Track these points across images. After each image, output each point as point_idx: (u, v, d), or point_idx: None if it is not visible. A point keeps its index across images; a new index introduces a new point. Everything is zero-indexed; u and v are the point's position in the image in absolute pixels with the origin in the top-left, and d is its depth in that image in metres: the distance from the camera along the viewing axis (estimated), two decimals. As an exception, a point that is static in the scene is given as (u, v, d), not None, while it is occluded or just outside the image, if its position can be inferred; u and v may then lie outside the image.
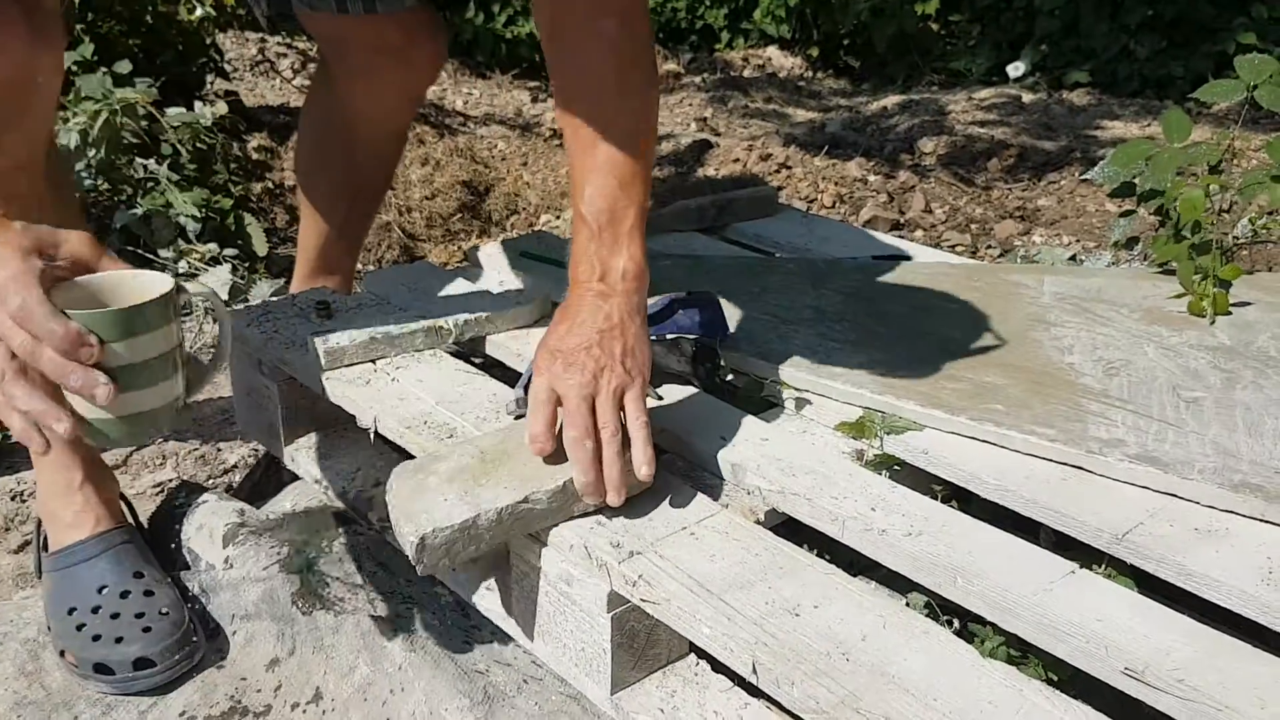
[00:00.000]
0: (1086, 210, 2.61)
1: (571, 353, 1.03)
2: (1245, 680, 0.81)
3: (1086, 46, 4.50)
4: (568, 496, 1.00)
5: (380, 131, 1.62)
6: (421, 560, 0.94)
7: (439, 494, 0.98)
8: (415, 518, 0.95)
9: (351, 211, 1.67)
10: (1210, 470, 1.04)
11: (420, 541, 0.93)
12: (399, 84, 1.55)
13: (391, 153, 1.70)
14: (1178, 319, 1.42)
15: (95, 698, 1.08)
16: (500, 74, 4.48)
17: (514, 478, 1.00)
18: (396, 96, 1.58)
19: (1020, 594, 0.91)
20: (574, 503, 1.00)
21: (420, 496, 0.98)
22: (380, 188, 1.73)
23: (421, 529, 0.94)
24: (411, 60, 1.52)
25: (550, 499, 0.99)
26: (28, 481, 1.46)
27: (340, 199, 1.65)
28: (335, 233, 1.67)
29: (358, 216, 1.70)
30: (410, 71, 1.55)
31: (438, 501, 0.97)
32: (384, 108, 1.58)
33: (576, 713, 1.03)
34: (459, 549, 0.95)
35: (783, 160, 2.83)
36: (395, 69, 1.51)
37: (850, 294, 1.50)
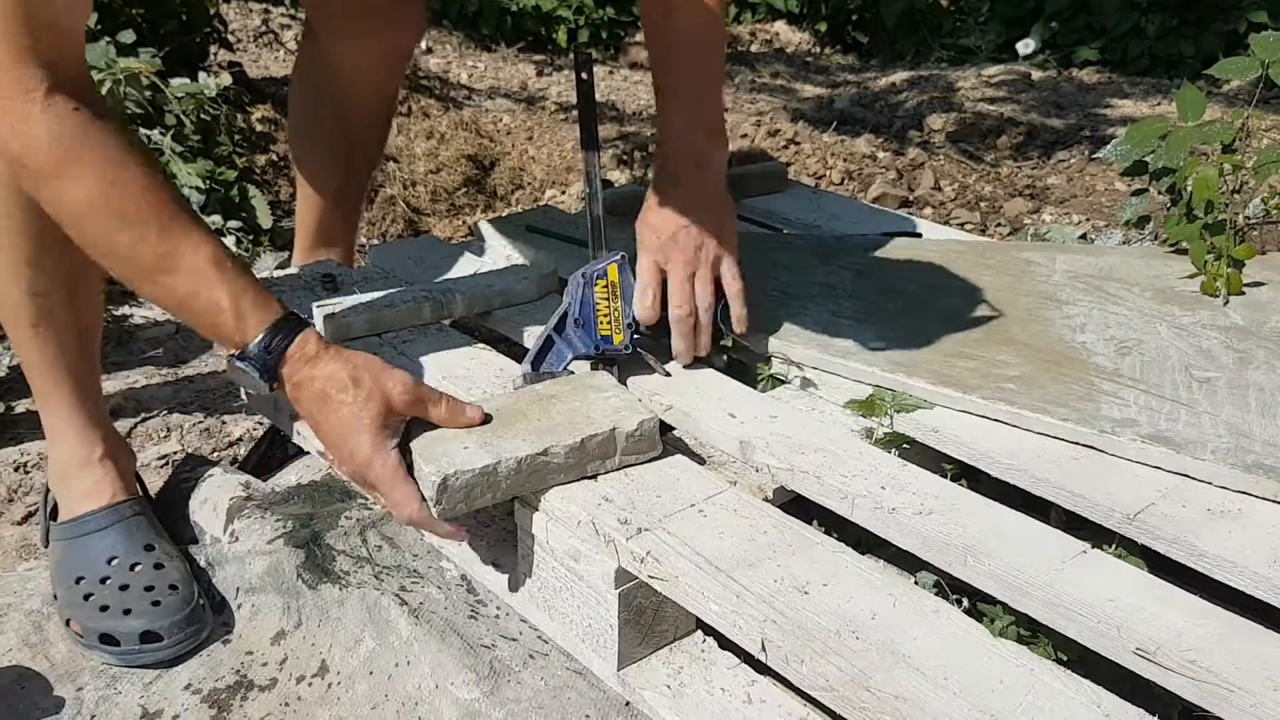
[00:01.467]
0: (1096, 189, 2.59)
1: (675, 232, 1.18)
2: (1257, 661, 0.81)
3: (1097, 24, 4.46)
4: (585, 453, 1.02)
5: (370, 93, 1.61)
6: (441, 501, 0.96)
7: (458, 442, 1.00)
8: (436, 460, 0.97)
9: (347, 178, 1.66)
10: (1223, 451, 1.04)
11: (442, 482, 0.95)
12: (386, 44, 1.54)
13: (383, 115, 1.69)
14: (1190, 299, 1.41)
15: (99, 669, 1.08)
16: (506, 47, 4.45)
17: (531, 432, 1.02)
18: (384, 57, 1.57)
19: (1031, 573, 0.90)
20: (589, 461, 1.02)
21: (439, 443, 1.00)
22: (374, 153, 1.71)
23: (444, 470, 0.96)
24: (397, 19, 1.51)
25: (568, 454, 1.01)
26: (31, 453, 1.46)
27: (335, 165, 1.64)
28: (332, 202, 1.65)
29: (353, 184, 1.69)
30: (397, 31, 1.54)
31: (457, 448, 0.99)
32: (372, 69, 1.57)
33: (582, 688, 1.02)
34: (477, 494, 0.98)
35: (791, 136, 2.81)
36: (382, 29, 1.50)
37: (860, 271, 1.48)
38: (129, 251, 0.96)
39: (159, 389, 1.66)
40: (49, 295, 1.14)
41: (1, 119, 0.92)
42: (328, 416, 0.99)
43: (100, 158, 0.94)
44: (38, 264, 1.12)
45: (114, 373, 1.68)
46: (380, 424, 0.98)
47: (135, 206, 0.95)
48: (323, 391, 0.99)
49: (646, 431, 1.04)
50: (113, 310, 1.87)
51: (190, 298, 0.98)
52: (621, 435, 1.03)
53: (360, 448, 0.98)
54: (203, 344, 1.81)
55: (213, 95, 2.36)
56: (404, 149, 2.69)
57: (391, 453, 0.99)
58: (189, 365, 1.74)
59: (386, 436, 0.99)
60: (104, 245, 0.97)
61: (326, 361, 1.00)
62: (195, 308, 0.98)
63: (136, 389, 1.65)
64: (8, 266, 1.12)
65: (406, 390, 1.00)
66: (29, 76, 0.91)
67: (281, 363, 0.99)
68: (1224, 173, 1.51)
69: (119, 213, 0.95)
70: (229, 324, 0.98)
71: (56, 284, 1.15)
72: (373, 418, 0.98)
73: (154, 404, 1.61)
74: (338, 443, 1.00)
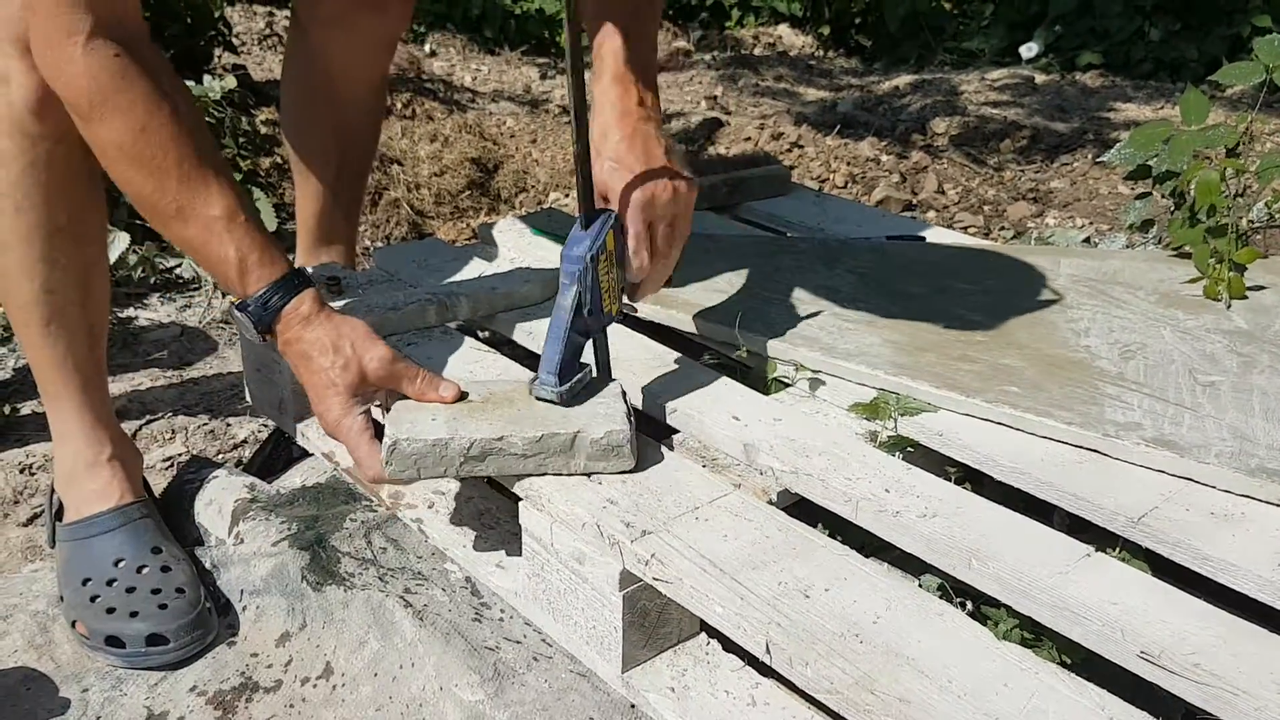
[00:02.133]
0: (1099, 193, 2.59)
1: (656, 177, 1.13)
2: (1261, 665, 0.81)
3: (1100, 28, 4.46)
4: (543, 449, 1.03)
5: (360, 83, 1.60)
6: (391, 463, 1.02)
7: (428, 414, 1.06)
8: (399, 424, 1.03)
9: (342, 172, 1.65)
10: (1227, 455, 1.04)
11: (393, 444, 1.01)
12: (372, 31, 1.54)
13: (374, 106, 1.68)
14: (1194, 302, 1.41)
15: (105, 670, 1.08)
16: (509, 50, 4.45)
17: (500, 419, 1.05)
18: (371, 44, 1.56)
19: (1035, 576, 0.90)
20: (548, 457, 1.04)
21: (412, 412, 1.06)
22: (368, 145, 1.70)
23: (398, 435, 1.01)
24: (384, 6, 1.51)
25: (525, 445, 1.03)
26: (37, 454, 1.46)
27: (329, 159, 1.63)
28: (330, 198, 1.65)
29: (350, 178, 1.67)
30: (383, 18, 1.53)
31: (425, 419, 1.05)
32: (360, 57, 1.56)
33: (586, 690, 1.02)
34: (428, 464, 1.02)
35: (794, 139, 2.81)
36: (368, 16, 1.50)
37: (864, 274, 1.49)
38: (150, 198, 1.02)
39: (164, 391, 1.66)
40: (62, 292, 1.15)
41: (48, 60, 0.99)
42: (309, 376, 1.07)
43: (132, 104, 0.98)
44: (53, 260, 1.13)
45: (119, 375, 1.68)
46: (353, 391, 1.06)
47: (160, 155, 1.00)
48: (306, 353, 1.06)
49: (613, 443, 1.03)
50: (118, 313, 1.88)
51: (202, 246, 1.04)
52: (585, 440, 1.03)
53: (331, 409, 1.06)
54: (207, 346, 1.81)
55: (217, 98, 2.36)
56: (408, 152, 2.69)
57: (359, 417, 1.06)
58: (194, 368, 1.74)
59: (357, 402, 1.06)
60: (130, 189, 1.03)
61: (316, 325, 1.06)
62: (206, 257, 1.05)
63: (142, 391, 1.65)
64: (22, 263, 1.13)
65: (382, 365, 1.06)
66: (74, 20, 0.96)
67: (276, 319, 1.06)
68: (1226, 176, 1.52)
69: (144, 160, 1.00)
70: (233, 277, 1.05)
71: (70, 281, 1.15)
72: (347, 385, 1.05)
73: (159, 406, 1.61)
74: (315, 401, 1.08)
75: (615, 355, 1.17)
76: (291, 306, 1.06)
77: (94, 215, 1.19)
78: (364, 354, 1.06)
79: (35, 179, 1.10)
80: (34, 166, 1.09)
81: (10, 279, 1.14)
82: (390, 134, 2.80)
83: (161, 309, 1.94)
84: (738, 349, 1.30)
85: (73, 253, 1.15)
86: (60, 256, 1.14)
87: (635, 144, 1.12)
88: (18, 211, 1.10)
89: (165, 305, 1.95)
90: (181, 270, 2.05)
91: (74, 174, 1.13)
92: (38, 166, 1.10)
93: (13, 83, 1.06)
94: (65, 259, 1.14)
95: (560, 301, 1.07)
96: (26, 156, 1.09)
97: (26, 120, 1.07)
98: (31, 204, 1.10)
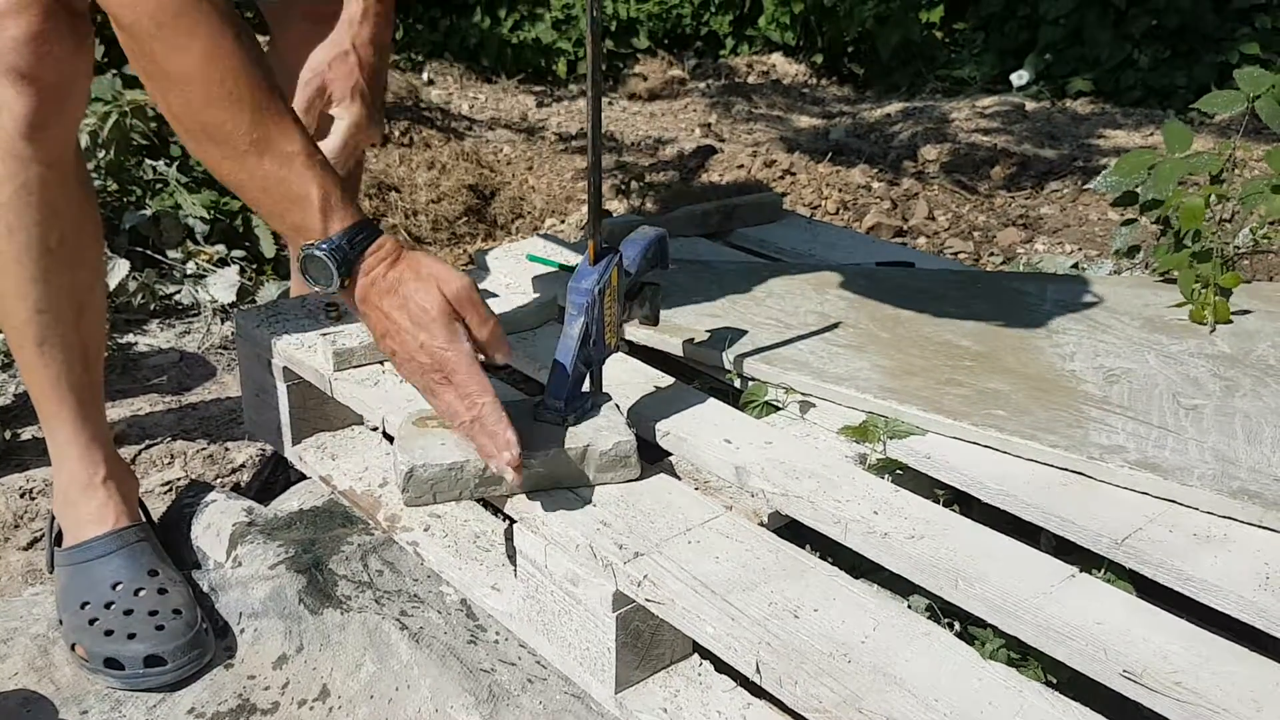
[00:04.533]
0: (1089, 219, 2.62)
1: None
2: (1242, 684, 0.82)
3: (1090, 55, 4.51)
4: (555, 463, 1.05)
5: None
6: (407, 489, 1.02)
7: (438, 438, 1.06)
8: (411, 451, 1.04)
9: None
10: (1209, 477, 1.06)
11: (409, 472, 1.02)
12: None
13: None
14: (1178, 327, 1.43)
15: (104, 693, 1.09)
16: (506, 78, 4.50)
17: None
18: None
19: (1021, 597, 0.92)
20: (560, 473, 1.05)
21: (421, 437, 1.06)
22: (352, 169, 1.71)
23: (413, 461, 1.02)
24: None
25: (539, 462, 1.04)
26: (37, 479, 1.47)
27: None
28: None
29: None
30: None
31: (435, 443, 1.05)
32: None
33: (581, 712, 1.04)
34: (444, 488, 1.03)
35: (787, 166, 2.84)
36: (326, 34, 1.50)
37: (854, 300, 1.51)
38: (221, 130, 0.95)
39: (163, 416, 1.67)
40: (55, 312, 1.17)
41: None
42: (399, 310, 1.00)
43: (196, 26, 0.93)
44: (45, 280, 1.15)
45: (118, 400, 1.70)
46: (450, 315, 1.00)
47: (235, 83, 0.94)
48: (394, 289, 1.00)
49: (621, 453, 1.06)
50: (117, 338, 1.90)
51: (278, 184, 0.98)
52: (595, 453, 1.05)
53: (438, 335, 0.99)
54: (206, 372, 1.83)
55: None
56: (406, 179, 2.72)
57: (466, 344, 1.00)
58: (193, 393, 1.76)
59: (460, 328, 1.00)
60: (195, 120, 0.96)
61: (400, 263, 1.01)
62: (281, 193, 0.98)
63: (141, 416, 1.67)
64: (16, 284, 1.14)
65: (463, 289, 1.01)
66: None
67: (360, 259, 1.00)
68: (1210, 203, 1.54)
69: (214, 86, 0.94)
70: (314, 215, 0.98)
71: (63, 302, 1.17)
72: (440, 310, 0.99)
73: (158, 431, 1.63)
74: (412, 332, 1.00)
75: (608, 378, 1.19)
76: (376, 245, 1.01)
77: (87, 239, 1.20)
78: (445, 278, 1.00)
79: (26, 201, 1.11)
80: (25, 189, 1.11)
81: (4, 300, 1.16)
82: (388, 161, 2.83)
83: (160, 335, 1.96)
84: (729, 373, 1.32)
85: (65, 275, 1.16)
86: (53, 278, 1.15)
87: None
88: (10, 233, 1.12)
89: (164, 331, 1.97)
90: (180, 296, 2.07)
91: (67, 197, 1.14)
92: (29, 189, 1.11)
93: (4, 110, 1.07)
94: (58, 281, 1.16)
95: (568, 330, 1.09)
96: (18, 179, 1.10)
97: (18, 144, 1.09)
98: (23, 225, 1.12)
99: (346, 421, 1.42)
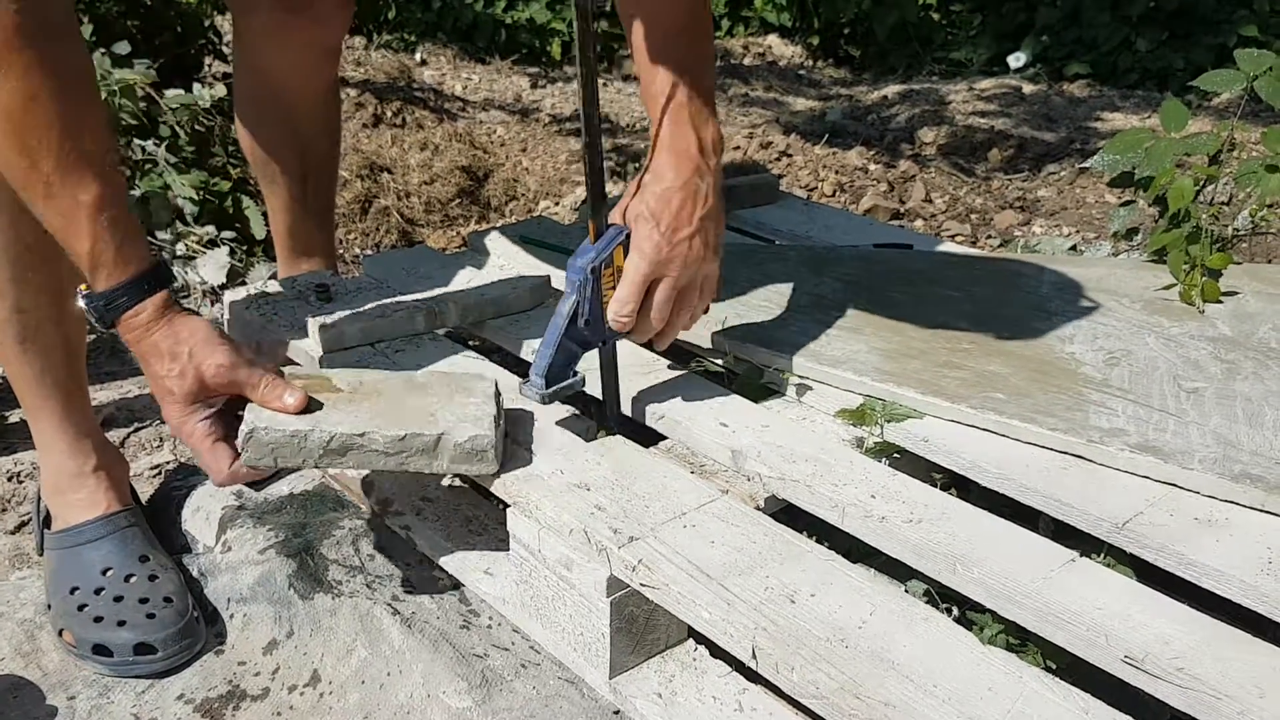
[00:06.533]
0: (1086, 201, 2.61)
1: (678, 240, 1.08)
2: (1244, 669, 0.81)
3: (1088, 37, 4.49)
4: (405, 447, 1.02)
5: (306, 93, 1.57)
6: (246, 449, 1.01)
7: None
8: (259, 414, 1.02)
9: (307, 184, 1.62)
10: (1211, 460, 1.04)
11: (250, 432, 1.00)
12: (307, 40, 1.51)
13: (326, 115, 1.65)
14: (1178, 309, 1.42)
15: (92, 678, 1.08)
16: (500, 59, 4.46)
17: (366, 413, 1.04)
18: (308, 53, 1.53)
19: (1020, 582, 0.91)
20: (410, 457, 1.03)
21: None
22: (328, 151, 1.68)
23: (256, 423, 1.00)
24: (316, 15, 1.48)
25: (387, 444, 1.02)
26: (24, 462, 1.46)
27: (291, 172, 1.60)
28: (299, 210, 1.62)
29: (316, 188, 1.64)
30: (316, 27, 1.50)
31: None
32: (300, 66, 1.54)
33: (574, 697, 1.02)
34: (285, 454, 1.01)
35: (783, 148, 2.82)
36: (301, 26, 1.48)
37: (851, 282, 1.49)
38: (21, 172, 0.97)
39: (152, 399, 1.65)
40: (35, 311, 1.15)
41: None
42: (150, 381, 1.04)
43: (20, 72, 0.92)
44: (23, 280, 1.13)
45: (106, 383, 1.68)
46: (190, 398, 1.03)
47: (44, 129, 0.94)
48: (145, 357, 1.03)
49: (476, 447, 1.03)
50: (106, 320, 1.87)
51: (60, 231, 0.99)
52: (449, 443, 1.03)
53: (170, 415, 1.04)
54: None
55: (207, 106, 2.36)
56: (398, 160, 2.70)
57: (201, 422, 1.03)
58: (182, 375, 1.74)
59: (197, 408, 1.03)
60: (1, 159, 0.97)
61: (155, 331, 1.02)
62: (64, 242, 1.00)
63: (129, 399, 1.65)
64: None
65: (220, 372, 1.03)
66: None
67: (116, 322, 1.02)
68: (1199, 183, 1.53)
69: (26, 130, 0.94)
70: (83, 267, 1.01)
71: (42, 300, 1.15)
72: (184, 393, 1.02)
73: (147, 414, 1.61)
74: (160, 404, 1.05)
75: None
76: (131, 312, 1.01)
77: None
78: (202, 360, 1.02)
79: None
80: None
81: None
82: (380, 142, 2.80)
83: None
84: (725, 356, 1.31)
85: (44, 271, 1.14)
86: (31, 275, 1.13)
87: (674, 200, 1.08)
88: None
89: (154, 313, 1.95)
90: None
91: None
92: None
93: None
94: (36, 277, 1.13)
95: (559, 308, 1.09)
96: None
97: None
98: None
99: (338, 404, 1.40)
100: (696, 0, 1.15)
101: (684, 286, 1.11)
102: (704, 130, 1.11)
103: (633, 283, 1.09)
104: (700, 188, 1.09)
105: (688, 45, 1.13)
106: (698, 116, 1.11)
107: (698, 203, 1.09)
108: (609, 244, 1.08)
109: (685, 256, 1.09)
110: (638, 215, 1.09)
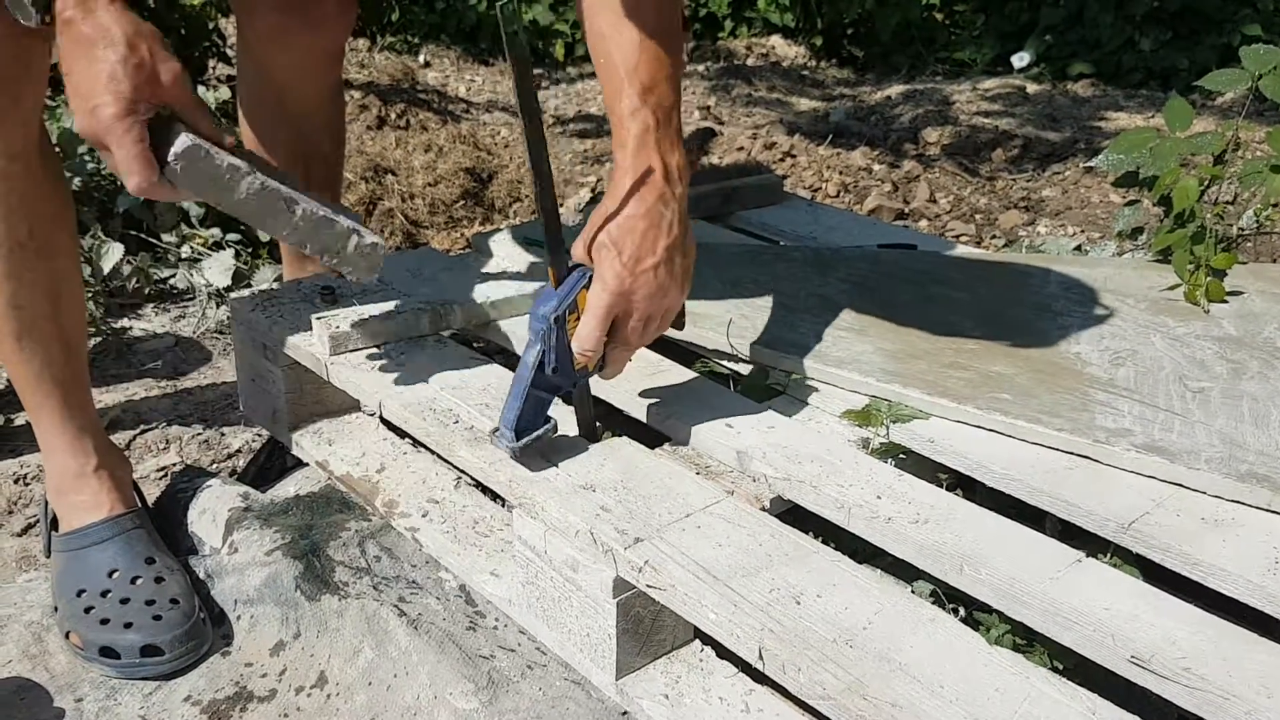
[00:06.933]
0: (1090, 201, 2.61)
1: (641, 270, 1.03)
2: (1251, 669, 0.81)
3: (1091, 37, 4.49)
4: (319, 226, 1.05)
5: (308, 96, 1.57)
6: (178, 164, 0.95)
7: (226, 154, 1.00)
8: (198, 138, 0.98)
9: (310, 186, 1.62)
10: (1217, 460, 1.04)
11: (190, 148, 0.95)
12: (308, 43, 1.50)
13: (329, 117, 1.64)
14: (1184, 309, 1.42)
15: (99, 680, 1.08)
16: (503, 61, 4.47)
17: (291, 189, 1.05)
18: (311, 55, 1.53)
19: (1027, 582, 0.91)
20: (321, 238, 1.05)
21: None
22: (331, 154, 1.67)
23: (199, 143, 0.96)
24: (315, 18, 1.47)
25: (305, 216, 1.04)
26: (31, 465, 1.46)
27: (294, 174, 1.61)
28: None
29: (320, 190, 1.65)
30: (317, 30, 1.49)
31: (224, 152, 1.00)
32: (301, 68, 1.53)
33: (581, 698, 1.03)
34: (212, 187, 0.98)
35: (787, 149, 2.82)
36: (301, 29, 1.47)
37: (856, 282, 1.49)
38: None
39: (158, 401, 1.66)
40: (31, 307, 1.15)
41: None
42: (85, 65, 0.91)
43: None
44: (18, 277, 1.13)
45: (113, 385, 1.68)
46: (138, 95, 0.91)
47: None
48: (90, 37, 0.90)
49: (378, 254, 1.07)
50: (111, 323, 1.88)
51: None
52: (355, 240, 1.06)
53: (106, 105, 0.91)
54: (201, 357, 1.82)
55: (212, 109, 2.37)
56: (402, 162, 2.70)
57: (137, 124, 0.92)
58: (188, 377, 1.74)
59: (141, 109, 0.92)
60: None
61: (105, 9, 0.91)
62: None
63: (135, 401, 1.65)
64: None
65: (176, 81, 0.94)
66: None
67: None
68: (1204, 182, 1.53)
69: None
70: None
71: (38, 296, 1.15)
72: (135, 85, 0.91)
73: (153, 416, 1.61)
74: (86, 95, 0.91)
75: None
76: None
77: (60, 229, 1.18)
78: (161, 61, 0.92)
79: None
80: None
81: None
82: (384, 144, 2.80)
83: (155, 319, 1.94)
84: (730, 356, 1.31)
85: (39, 267, 1.14)
86: (25, 272, 1.13)
87: (637, 229, 1.03)
88: None
89: (159, 316, 1.96)
90: (175, 280, 2.05)
91: (35, 189, 1.12)
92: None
93: None
94: (31, 274, 1.14)
95: (524, 358, 1.04)
96: None
97: None
98: None
99: (343, 406, 1.40)
100: (665, 20, 1.09)
101: (649, 320, 1.06)
102: (669, 156, 1.05)
103: (595, 317, 1.04)
104: (665, 215, 1.04)
105: (655, 67, 1.07)
106: (664, 142, 1.05)
107: (662, 231, 1.04)
108: (572, 289, 1.05)
109: (649, 287, 1.04)
110: (600, 245, 1.05)
